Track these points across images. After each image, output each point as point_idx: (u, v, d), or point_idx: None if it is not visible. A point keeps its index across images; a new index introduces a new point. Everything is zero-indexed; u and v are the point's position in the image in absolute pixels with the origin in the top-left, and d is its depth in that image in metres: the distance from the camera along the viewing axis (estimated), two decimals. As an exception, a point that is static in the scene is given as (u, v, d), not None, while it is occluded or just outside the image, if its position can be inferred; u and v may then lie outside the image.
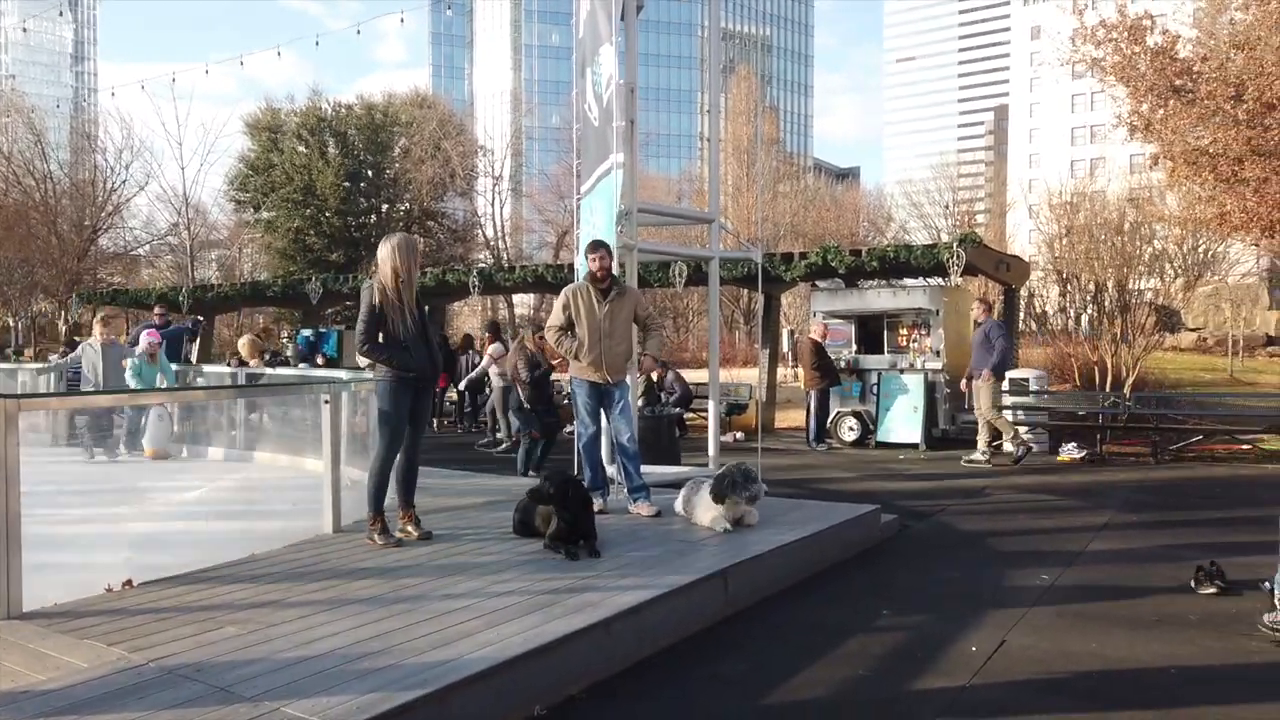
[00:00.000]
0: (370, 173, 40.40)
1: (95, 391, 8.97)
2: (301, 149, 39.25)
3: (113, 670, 3.42)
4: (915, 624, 4.93)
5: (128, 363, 10.13)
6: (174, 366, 11.30)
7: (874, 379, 13.54)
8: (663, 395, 14.72)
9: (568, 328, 6.62)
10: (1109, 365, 14.35)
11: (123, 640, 3.76)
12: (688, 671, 4.19)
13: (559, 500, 5.30)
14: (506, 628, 3.95)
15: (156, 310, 13.77)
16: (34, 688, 3.27)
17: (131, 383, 10.08)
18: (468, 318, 45.08)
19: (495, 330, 14.04)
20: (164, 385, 10.57)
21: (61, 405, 6.58)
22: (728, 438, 13.33)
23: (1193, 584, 5.47)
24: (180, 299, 21.97)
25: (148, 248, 45.07)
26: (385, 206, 41.20)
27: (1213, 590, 5.37)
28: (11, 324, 41.99)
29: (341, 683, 3.32)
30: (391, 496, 5.78)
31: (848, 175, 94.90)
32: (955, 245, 12.39)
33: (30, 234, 37.14)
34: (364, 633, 3.89)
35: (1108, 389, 13.88)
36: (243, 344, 11.53)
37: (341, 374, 8.76)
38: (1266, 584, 4.83)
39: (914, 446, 12.66)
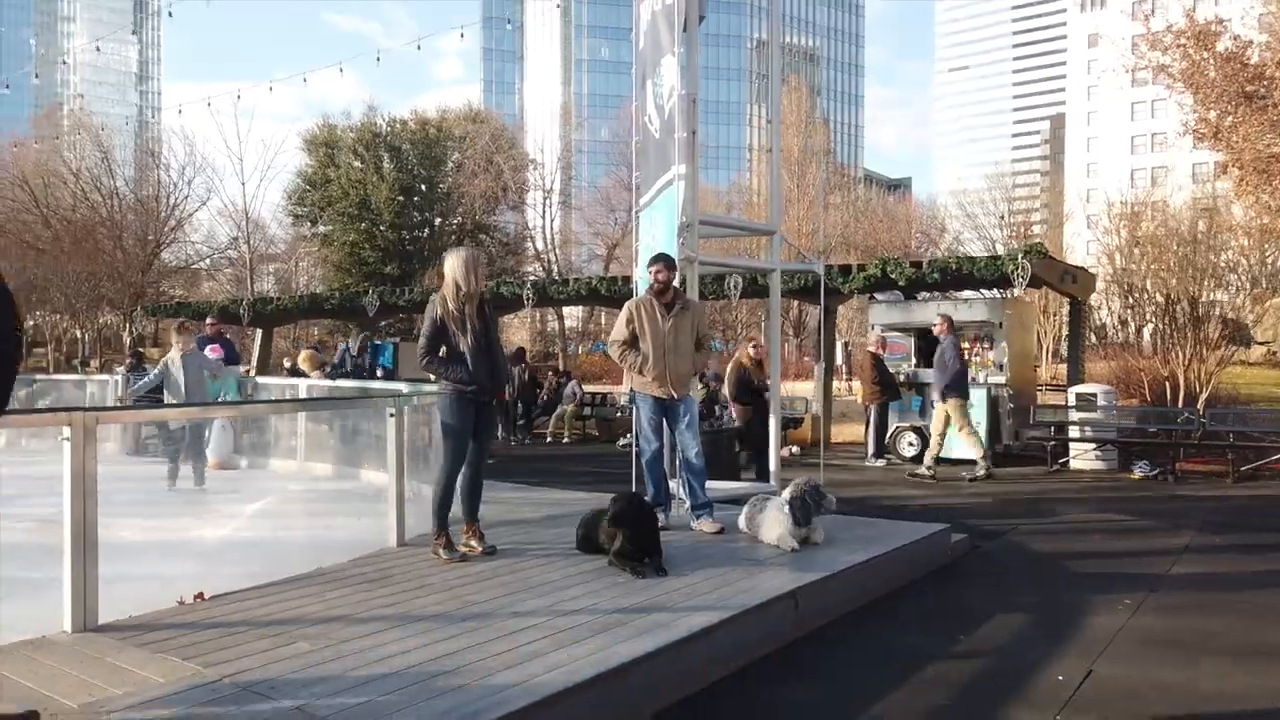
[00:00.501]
0: (424, 187, 40.91)
1: (166, 405, 9.06)
2: (357, 164, 39.91)
3: (190, 686, 3.41)
4: (994, 649, 4.75)
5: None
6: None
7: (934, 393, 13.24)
8: (717, 409, 14.59)
9: (631, 342, 6.56)
10: (1181, 380, 13.89)
11: (197, 655, 3.76)
12: (760, 695, 4.07)
13: (625, 520, 5.22)
14: (576, 649, 3.87)
15: (208, 321, 13.73)
16: (113, 701, 3.27)
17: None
18: (517, 329, 45.32)
19: None
20: (227, 398, 10.73)
21: (135, 419, 6.63)
22: (784, 452, 13.15)
23: (1289, 611, 5.22)
24: (241, 311, 22.39)
25: (208, 261, 46.16)
26: (438, 220, 41.67)
27: (1312, 618, 5.12)
28: (79, 336, 43.20)
29: (415, 703, 3.27)
30: (456, 509, 5.75)
31: (899, 186, 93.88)
32: (1020, 257, 12.09)
33: (97, 248, 38.24)
34: (434, 650, 3.85)
35: (1180, 405, 13.44)
36: (303, 357, 11.66)
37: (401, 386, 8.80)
38: None
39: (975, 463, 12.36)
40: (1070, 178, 78.21)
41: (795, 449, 14.23)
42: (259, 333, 24.60)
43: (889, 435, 13.28)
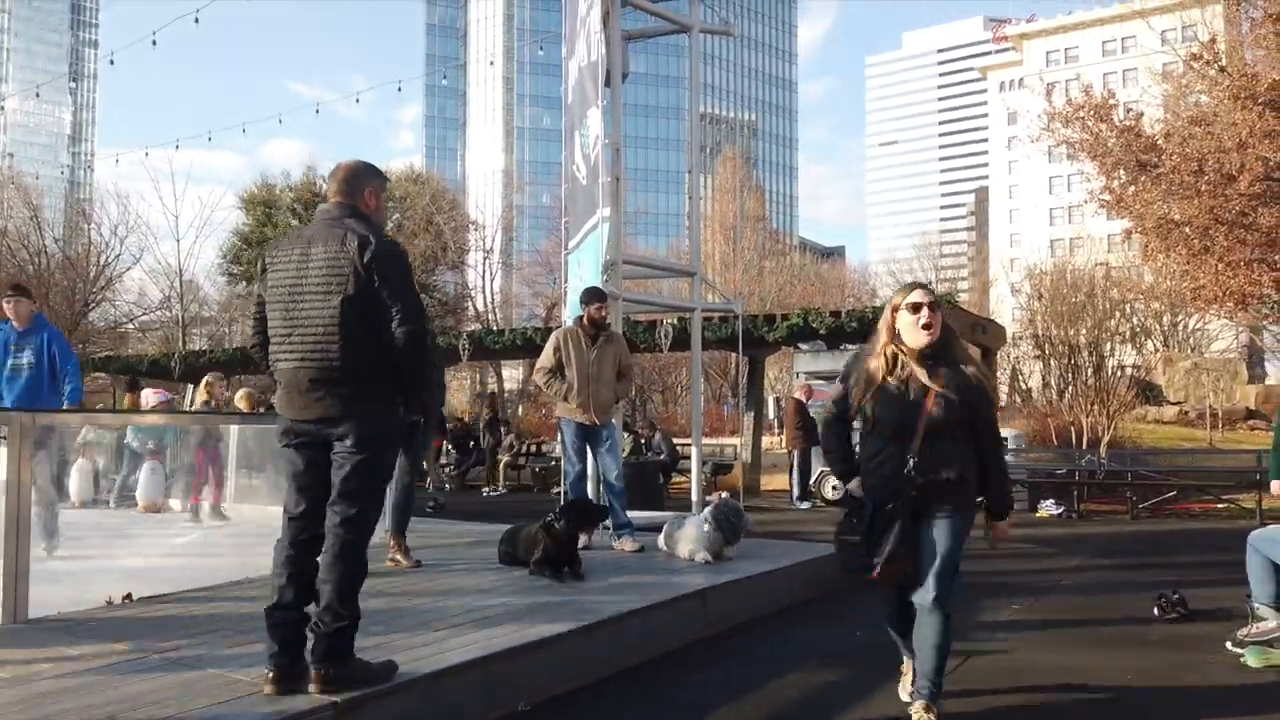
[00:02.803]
0: (362, 247, 41.01)
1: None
2: (295, 222, 39.91)
3: (120, 659, 3.59)
4: (889, 640, 5.09)
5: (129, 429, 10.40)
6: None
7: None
8: (650, 454, 14.92)
9: (557, 370, 6.89)
10: (1084, 426, 14.66)
11: (126, 639, 3.93)
12: (666, 677, 4.36)
13: (549, 524, 5.50)
14: (495, 629, 4.14)
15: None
16: (45, 671, 3.44)
17: (133, 441, 10.41)
18: (455, 392, 45.19)
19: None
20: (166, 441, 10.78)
21: (70, 420, 6.63)
22: (713, 497, 13.47)
23: (1155, 611, 5.68)
24: (173, 365, 22.18)
25: (137, 323, 45.28)
26: (376, 280, 41.70)
27: (1174, 616, 5.58)
28: (0, 395, 41.90)
29: (336, 669, 3.49)
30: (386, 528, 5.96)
31: (833, 254, 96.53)
32: (931, 307, 12.76)
33: (22, 306, 37.45)
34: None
35: (1083, 449, 14.16)
36: (240, 396, 11.72)
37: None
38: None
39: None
40: (994, 247, 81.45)
41: (725, 494, 14.55)
42: (191, 387, 24.31)
43: (813, 479, 13.71)
